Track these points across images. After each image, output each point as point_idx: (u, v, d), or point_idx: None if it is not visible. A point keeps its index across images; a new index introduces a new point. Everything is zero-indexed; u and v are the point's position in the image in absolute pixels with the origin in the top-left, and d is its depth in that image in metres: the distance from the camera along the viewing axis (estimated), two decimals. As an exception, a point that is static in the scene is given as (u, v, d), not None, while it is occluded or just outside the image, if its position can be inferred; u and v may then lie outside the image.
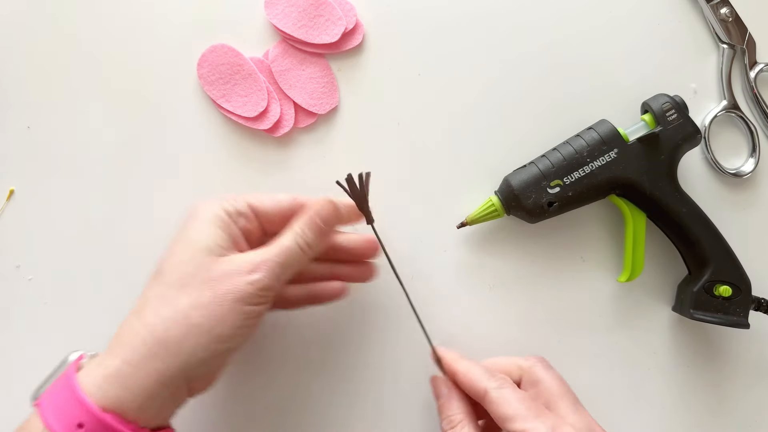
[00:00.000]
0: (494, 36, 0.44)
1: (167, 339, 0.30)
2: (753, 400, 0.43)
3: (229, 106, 0.42)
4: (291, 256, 0.33)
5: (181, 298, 0.31)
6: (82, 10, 0.44)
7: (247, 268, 0.32)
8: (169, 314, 0.31)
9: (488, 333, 0.43)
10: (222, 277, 0.31)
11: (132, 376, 0.30)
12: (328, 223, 0.36)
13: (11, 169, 0.43)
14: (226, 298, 0.31)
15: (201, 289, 0.31)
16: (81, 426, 0.29)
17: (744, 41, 0.44)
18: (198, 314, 0.30)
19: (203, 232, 0.33)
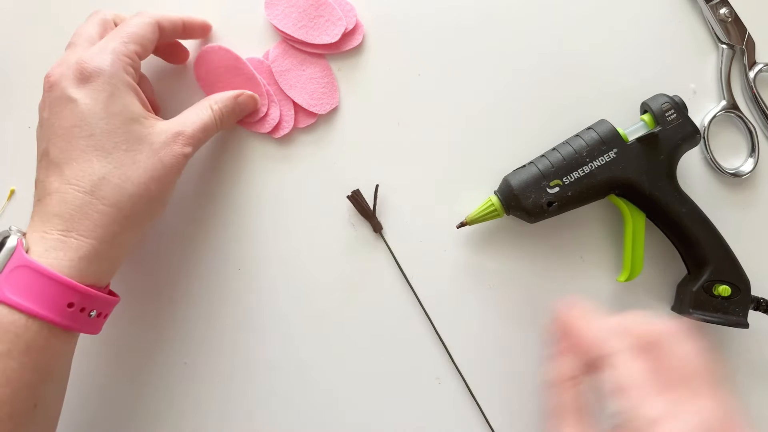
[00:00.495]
0: (494, 36, 0.44)
1: (136, 213, 0.34)
2: (753, 400, 0.43)
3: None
4: (209, 133, 0.38)
5: (137, 172, 0.33)
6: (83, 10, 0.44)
7: (181, 140, 0.35)
8: (133, 190, 0.33)
9: (488, 333, 0.43)
10: (163, 147, 0.34)
11: (109, 253, 0.33)
12: (244, 112, 0.41)
13: (11, 169, 0.43)
14: (172, 169, 0.35)
15: (153, 162, 0.34)
16: (71, 305, 0.31)
17: (743, 41, 0.44)
18: (155, 186, 0.34)
19: (122, 101, 0.34)
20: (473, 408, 0.42)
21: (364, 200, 0.43)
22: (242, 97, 0.40)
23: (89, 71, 0.33)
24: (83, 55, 0.34)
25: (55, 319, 0.31)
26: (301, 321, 0.43)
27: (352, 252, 0.43)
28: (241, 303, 0.43)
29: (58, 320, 0.31)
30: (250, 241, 0.43)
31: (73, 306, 0.31)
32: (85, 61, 0.33)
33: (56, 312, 0.31)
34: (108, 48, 0.34)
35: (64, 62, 0.34)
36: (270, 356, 0.42)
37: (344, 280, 0.43)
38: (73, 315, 0.31)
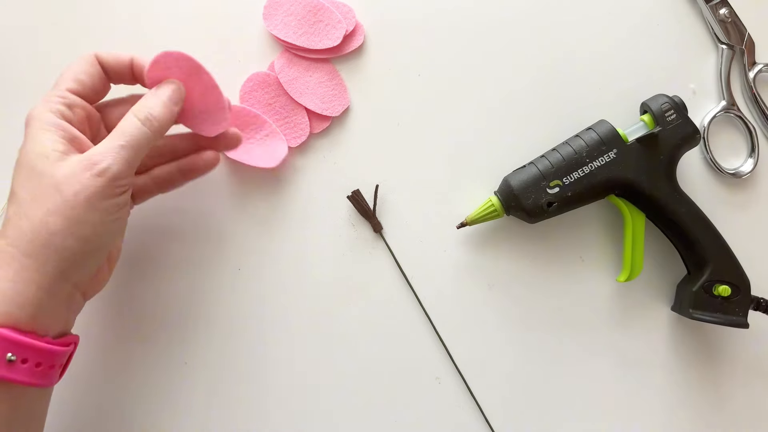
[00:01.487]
0: (494, 36, 0.44)
1: (33, 250, 0.31)
2: (752, 400, 0.43)
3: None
4: (135, 136, 0.33)
5: (35, 209, 0.31)
6: (83, 10, 0.44)
7: (90, 162, 0.31)
8: (28, 226, 0.31)
9: (488, 333, 0.43)
10: (66, 178, 0.31)
11: (14, 291, 0.30)
12: (173, 99, 0.35)
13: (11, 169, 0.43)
14: (78, 199, 0.31)
15: (51, 195, 0.31)
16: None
17: (743, 42, 0.44)
18: (53, 221, 0.31)
19: (36, 140, 0.32)
20: (473, 408, 0.42)
21: (364, 200, 0.43)
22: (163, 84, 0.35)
23: (26, 119, 0.34)
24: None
25: None
26: (302, 321, 0.43)
27: (352, 252, 0.43)
28: (241, 303, 0.43)
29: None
30: (250, 241, 0.43)
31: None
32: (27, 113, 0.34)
33: None
34: (45, 95, 0.34)
35: None
36: (270, 356, 0.42)
37: (344, 280, 0.43)
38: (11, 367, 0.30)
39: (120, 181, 0.32)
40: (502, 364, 0.43)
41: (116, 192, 0.32)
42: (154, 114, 0.34)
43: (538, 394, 0.43)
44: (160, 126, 0.34)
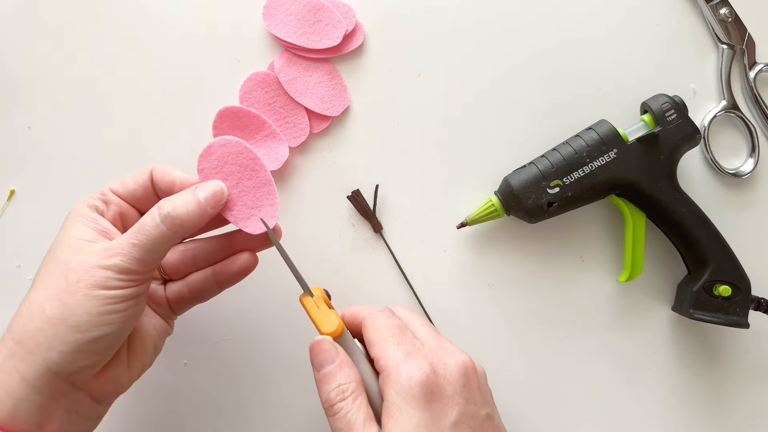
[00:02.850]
0: (494, 36, 0.44)
1: (24, 336, 0.29)
2: (753, 400, 0.43)
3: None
4: (151, 234, 0.31)
5: (37, 292, 0.30)
6: (82, 11, 0.44)
7: (103, 254, 0.30)
8: (26, 310, 0.29)
9: (488, 333, 0.43)
10: (77, 266, 0.30)
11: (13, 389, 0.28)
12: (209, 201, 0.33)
13: (11, 169, 0.43)
14: (79, 286, 0.29)
15: (56, 280, 0.30)
16: None
17: (743, 41, 0.44)
18: (50, 305, 0.29)
19: (66, 229, 0.32)
20: (473, 408, 0.42)
21: (364, 200, 0.43)
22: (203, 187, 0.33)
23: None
24: None
25: None
26: (302, 321, 0.43)
27: (352, 252, 0.43)
28: (240, 302, 0.43)
29: None
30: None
31: None
32: None
33: None
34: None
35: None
36: (270, 356, 0.42)
37: (344, 280, 0.43)
38: None
39: (128, 275, 0.30)
40: (502, 364, 0.43)
41: (119, 285, 0.30)
42: (177, 213, 0.31)
43: (537, 394, 0.43)
44: (182, 226, 0.31)
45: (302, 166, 0.43)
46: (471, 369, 0.32)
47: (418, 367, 0.30)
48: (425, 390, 0.29)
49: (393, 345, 0.31)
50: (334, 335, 0.32)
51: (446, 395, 0.30)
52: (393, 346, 0.31)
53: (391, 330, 0.32)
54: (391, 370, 0.30)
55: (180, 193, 0.33)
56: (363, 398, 0.31)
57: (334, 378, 0.31)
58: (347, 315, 0.35)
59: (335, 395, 0.30)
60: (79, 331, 0.29)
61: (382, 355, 0.31)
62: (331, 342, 0.32)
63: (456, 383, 0.30)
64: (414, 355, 0.30)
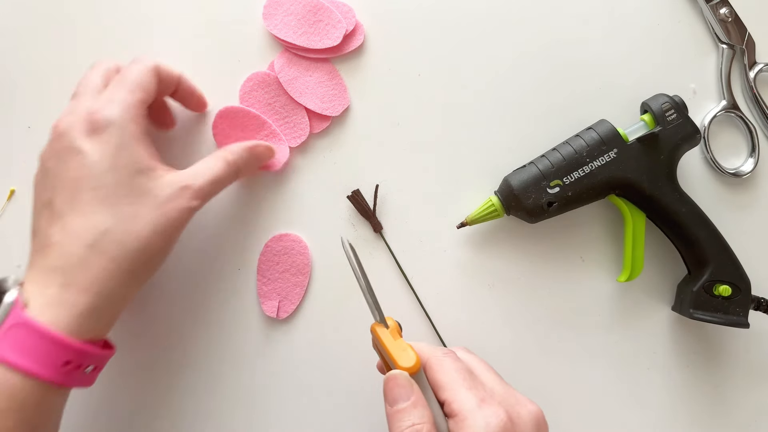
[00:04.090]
0: (494, 36, 0.44)
1: (137, 269, 0.33)
2: (753, 400, 0.43)
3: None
4: (221, 185, 0.37)
5: (139, 226, 0.32)
6: (82, 11, 0.44)
7: (187, 193, 0.34)
8: (135, 246, 0.32)
9: (488, 333, 0.43)
10: (170, 200, 0.33)
11: (107, 308, 0.32)
12: (261, 163, 0.40)
13: (11, 169, 0.43)
14: (175, 224, 0.34)
15: (155, 216, 0.33)
16: (68, 363, 0.31)
17: (743, 41, 0.44)
18: (157, 241, 0.33)
19: (129, 151, 0.33)
20: (473, 408, 0.42)
21: (364, 200, 0.43)
22: (258, 148, 0.40)
23: (99, 122, 0.33)
24: (93, 106, 0.33)
25: (51, 378, 0.30)
26: (302, 321, 0.43)
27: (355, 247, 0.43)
28: (241, 303, 0.43)
29: (54, 378, 0.30)
30: (250, 241, 0.43)
31: (70, 364, 0.31)
32: (95, 111, 0.33)
33: (52, 371, 0.30)
34: (116, 98, 0.34)
35: (72, 112, 0.34)
36: (270, 356, 0.42)
37: (344, 280, 0.43)
38: (69, 372, 0.31)
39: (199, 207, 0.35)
40: (502, 364, 0.42)
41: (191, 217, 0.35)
42: (240, 166, 0.38)
43: (537, 394, 0.42)
44: (239, 175, 0.38)
45: (302, 166, 0.43)
46: (542, 420, 0.31)
47: (496, 415, 0.29)
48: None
49: (465, 390, 0.30)
50: (410, 371, 0.31)
51: None
52: (465, 391, 0.30)
53: (460, 374, 0.31)
54: (466, 415, 0.29)
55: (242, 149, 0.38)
56: None
57: (408, 416, 0.30)
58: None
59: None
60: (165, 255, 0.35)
61: (455, 399, 0.30)
62: (408, 378, 0.31)
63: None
64: (489, 402, 0.30)
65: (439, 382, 0.31)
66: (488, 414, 0.29)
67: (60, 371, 0.30)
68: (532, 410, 0.31)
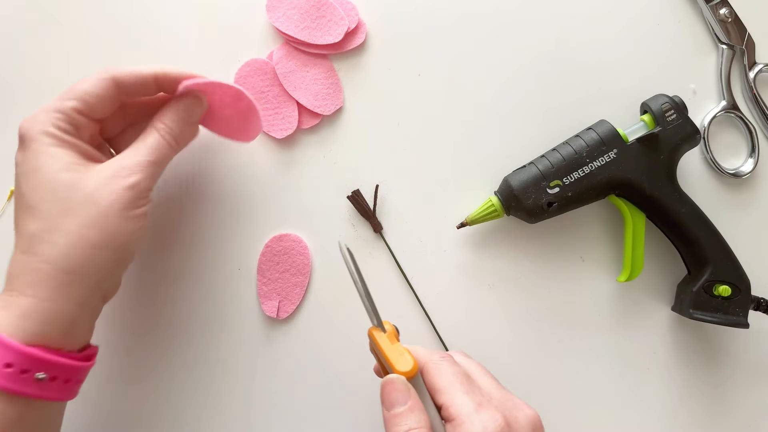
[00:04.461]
0: (494, 36, 0.44)
1: (73, 266, 0.31)
2: (753, 400, 0.43)
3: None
4: (161, 153, 0.34)
5: (68, 223, 0.31)
6: (83, 11, 0.44)
7: (121, 174, 0.32)
8: (65, 241, 0.31)
9: (488, 333, 0.43)
10: (99, 189, 0.31)
11: (51, 310, 0.30)
12: (195, 116, 0.36)
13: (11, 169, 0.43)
14: (113, 209, 0.31)
15: (85, 207, 0.31)
16: (9, 366, 0.29)
17: (743, 42, 0.44)
18: (93, 233, 0.31)
19: (51, 155, 0.32)
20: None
21: (364, 200, 0.43)
22: (184, 100, 0.36)
23: (21, 134, 0.33)
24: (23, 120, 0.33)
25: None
26: (302, 321, 0.43)
27: (353, 252, 0.43)
28: (241, 302, 0.43)
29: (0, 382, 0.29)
30: (250, 241, 0.43)
31: (12, 367, 0.29)
32: (20, 126, 0.33)
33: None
34: (45, 107, 0.33)
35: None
36: (270, 356, 0.42)
37: (344, 280, 0.43)
38: (15, 377, 0.29)
39: (147, 192, 0.33)
40: (502, 364, 0.42)
41: (144, 202, 0.33)
42: (179, 138, 0.35)
43: (537, 394, 0.42)
44: (182, 142, 0.36)
45: (302, 167, 0.43)
46: (539, 425, 0.31)
47: (493, 419, 0.29)
48: None
49: (462, 394, 0.30)
50: (407, 375, 0.31)
51: None
52: (462, 395, 0.30)
53: (457, 378, 0.31)
54: (463, 419, 0.29)
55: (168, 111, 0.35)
56: None
57: (405, 420, 0.30)
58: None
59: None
60: (122, 251, 0.32)
61: (452, 403, 0.30)
62: (405, 382, 0.31)
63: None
64: (486, 407, 0.30)
65: (436, 386, 0.31)
66: (485, 418, 0.29)
67: (3, 374, 0.29)
68: (530, 414, 0.31)
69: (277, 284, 0.42)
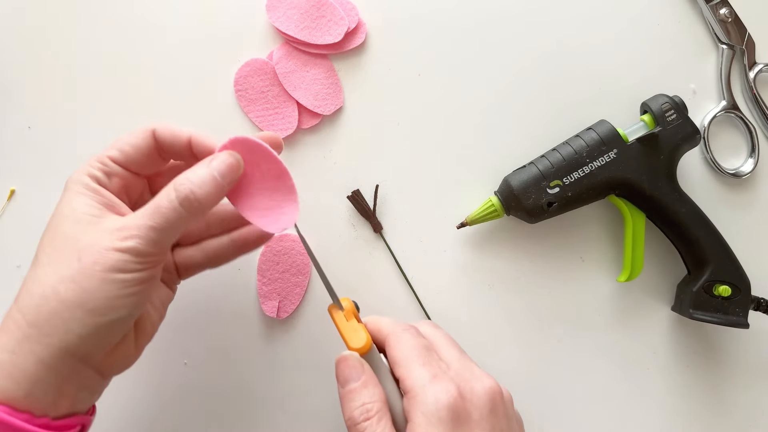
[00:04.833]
0: (494, 36, 0.44)
1: (38, 318, 0.28)
2: (752, 400, 0.43)
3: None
4: (169, 217, 0.29)
5: (48, 273, 0.29)
6: (82, 11, 0.44)
7: (118, 235, 0.29)
8: (38, 291, 0.28)
9: (488, 333, 0.43)
10: (90, 246, 0.29)
11: (11, 363, 0.28)
12: (226, 179, 0.31)
13: (11, 169, 0.43)
14: (95, 269, 0.28)
15: (68, 260, 0.29)
16: None
17: (743, 42, 0.44)
18: (65, 288, 0.28)
19: (69, 203, 0.31)
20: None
21: (364, 200, 0.43)
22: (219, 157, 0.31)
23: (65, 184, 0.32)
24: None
25: None
26: (302, 321, 0.43)
27: (352, 252, 0.43)
28: (240, 302, 0.43)
29: None
30: (250, 241, 0.43)
31: None
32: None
33: None
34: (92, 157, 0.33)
35: None
36: (270, 356, 0.42)
37: (344, 279, 0.43)
38: None
39: (144, 258, 0.29)
40: (502, 364, 0.42)
41: (136, 268, 0.29)
42: (196, 193, 0.30)
43: (537, 394, 0.43)
44: (200, 207, 0.30)
45: (302, 166, 0.43)
46: (498, 394, 0.31)
47: (445, 390, 0.29)
48: (452, 414, 0.29)
49: (419, 366, 0.30)
50: (361, 351, 0.31)
51: (473, 420, 0.29)
52: (419, 367, 0.30)
53: (416, 350, 0.31)
54: (417, 392, 0.29)
55: (195, 171, 0.31)
56: (387, 419, 0.30)
57: (358, 396, 0.30)
58: (370, 327, 0.34)
59: (359, 414, 0.30)
60: (97, 314, 0.28)
61: (408, 375, 0.30)
62: (358, 358, 0.31)
63: (483, 408, 0.30)
64: (440, 378, 0.30)
65: (395, 358, 0.31)
66: (438, 390, 0.29)
67: None
68: (487, 384, 0.31)
69: (277, 284, 0.42)
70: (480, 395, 0.30)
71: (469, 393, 0.30)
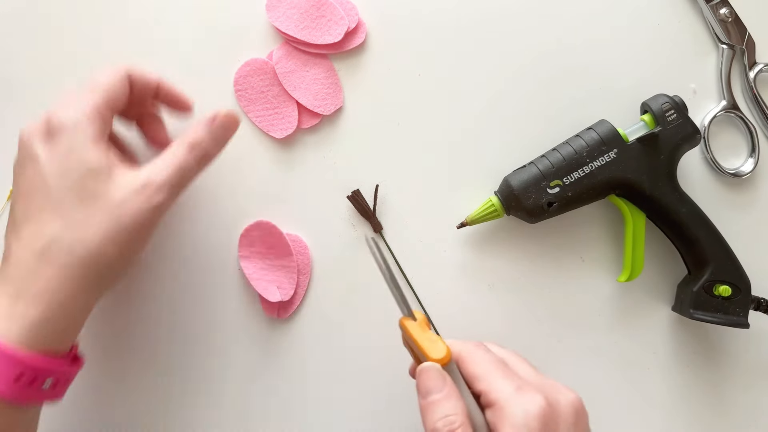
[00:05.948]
0: (494, 36, 0.44)
1: (90, 277, 0.31)
2: (752, 400, 0.43)
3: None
4: (189, 173, 0.34)
5: (89, 233, 0.31)
6: (82, 11, 0.44)
7: (148, 190, 0.32)
8: (84, 254, 0.30)
9: (488, 333, 0.43)
10: (123, 203, 0.31)
11: (61, 319, 0.31)
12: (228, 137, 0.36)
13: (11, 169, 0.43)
14: (135, 226, 0.31)
15: (107, 220, 0.31)
16: (20, 377, 0.29)
17: (743, 41, 0.44)
18: (113, 249, 0.31)
19: (85, 155, 0.31)
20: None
21: (364, 200, 0.43)
22: (218, 119, 0.35)
23: (53, 126, 0.32)
24: (51, 110, 0.32)
25: (4, 394, 0.29)
26: (302, 321, 0.43)
27: (352, 252, 0.43)
28: (240, 302, 0.43)
29: (7, 394, 0.29)
30: (250, 241, 0.43)
31: (23, 378, 0.29)
32: (51, 116, 0.32)
33: (4, 386, 0.29)
34: (75, 100, 0.32)
35: (37, 118, 0.33)
36: (270, 356, 0.42)
37: (344, 279, 0.43)
38: (22, 388, 0.29)
39: (166, 209, 0.33)
40: (502, 364, 0.43)
41: (159, 218, 0.33)
42: (204, 145, 0.34)
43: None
44: (208, 157, 0.35)
45: (302, 166, 0.43)
46: (581, 408, 0.31)
47: (533, 401, 0.28)
48: (542, 425, 0.28)
49: (500, 378, 0.30)
50: (441, 363, 0.31)
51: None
52: (501, 380, 0.30)
53: (494, 364, 0.31)
54: (503, 404, 0.29)
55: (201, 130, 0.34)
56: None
57: (441, 407, 0.30)
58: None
59: (443, 425, 0.29)
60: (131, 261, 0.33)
61: (491, 389, 0.29)
62: (439, 369, 0.30)
63: (569, 421, 0.29)
64: (526, 389, 0.29)
65: (473, 373, 0.31)
66: (526, 401, 0.28)
67: (13, 387, 0.29)
68: (571, 397, 0.30)
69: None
70: (566, 407, 0.30)
71: (556, 404, 0.29)
